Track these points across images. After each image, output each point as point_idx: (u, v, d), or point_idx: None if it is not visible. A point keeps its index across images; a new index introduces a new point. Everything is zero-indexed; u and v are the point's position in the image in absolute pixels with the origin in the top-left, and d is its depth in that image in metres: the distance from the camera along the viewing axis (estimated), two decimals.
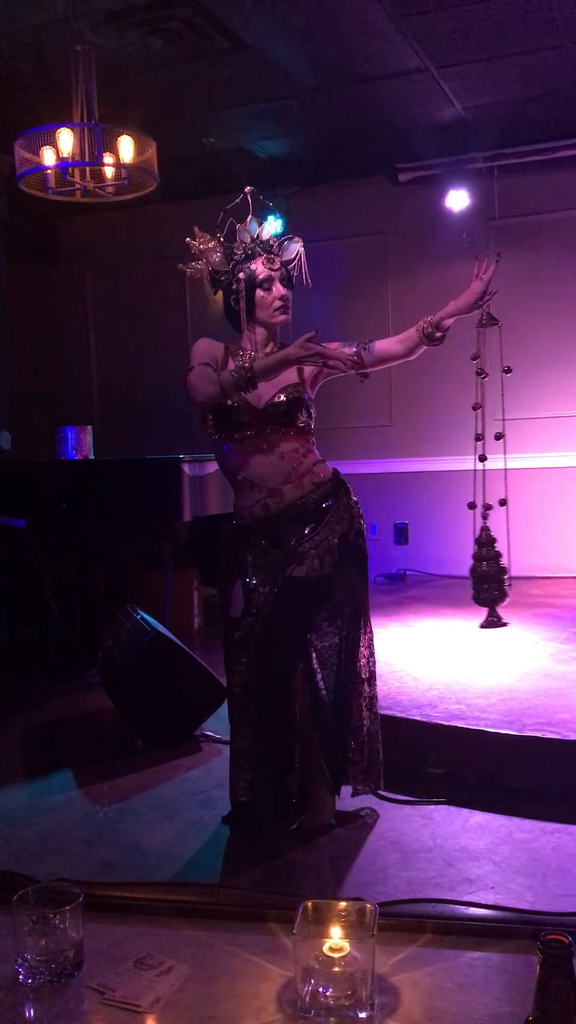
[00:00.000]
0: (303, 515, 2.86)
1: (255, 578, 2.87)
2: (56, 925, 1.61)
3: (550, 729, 3.16)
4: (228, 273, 2.92)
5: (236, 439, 2.86)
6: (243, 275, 2.89)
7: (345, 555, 2.88)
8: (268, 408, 2.83)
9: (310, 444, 2.93)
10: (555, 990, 1.36)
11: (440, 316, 2.89)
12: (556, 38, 4.93)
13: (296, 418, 2.86)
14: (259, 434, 2.85)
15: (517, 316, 6.85)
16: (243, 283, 2.88)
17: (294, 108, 5.78)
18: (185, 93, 5.51)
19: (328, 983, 1.49)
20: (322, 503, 2.88)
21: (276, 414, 2.84)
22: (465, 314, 2.94)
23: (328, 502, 2.88)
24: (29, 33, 4.66)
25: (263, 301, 2.90)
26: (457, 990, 1.54)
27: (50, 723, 4.21)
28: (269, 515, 2.86)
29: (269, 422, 2.84)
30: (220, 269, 2.93)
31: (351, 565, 2.91)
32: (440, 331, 2.89)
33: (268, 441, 2.85)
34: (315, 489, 2.88)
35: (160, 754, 3.66)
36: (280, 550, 2.86)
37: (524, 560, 6.87)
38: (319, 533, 2.85)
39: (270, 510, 2.86)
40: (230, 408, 2.83)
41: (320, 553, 2.83)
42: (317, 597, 2.86)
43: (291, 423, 2.85)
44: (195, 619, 5.96)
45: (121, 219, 7.23)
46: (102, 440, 6.19)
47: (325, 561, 2.83)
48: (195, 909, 1.90)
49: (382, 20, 4.67)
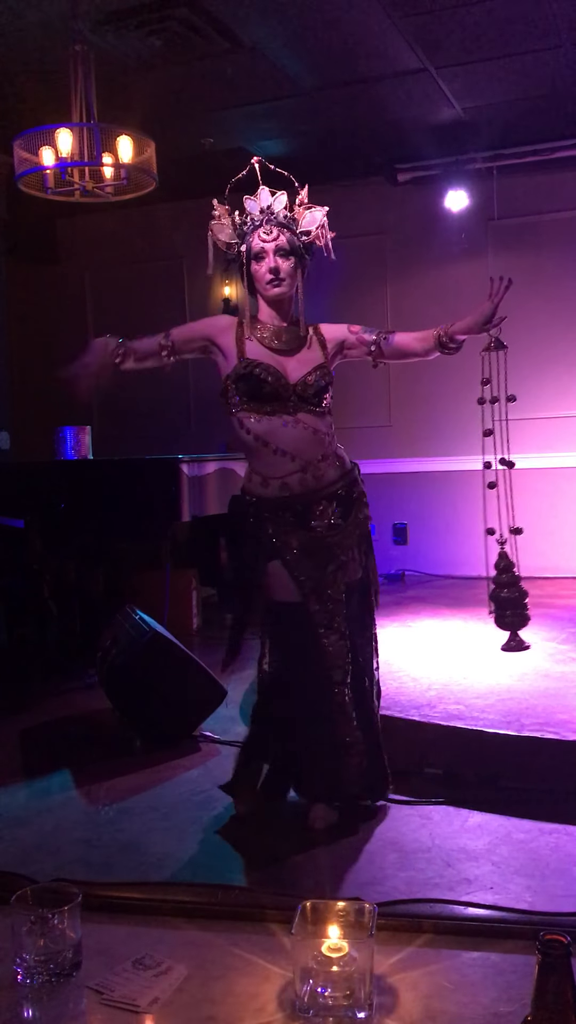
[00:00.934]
0: (336, 497, 2.85)
1: (294, 559, 2.79)
2: (55, 925, 1.61)
3: (549, 729, 3.16)
4: (237, 246, 2.90)
5: (267, 412, 2.81)
6: (244, 248, 2.87)
7: (368, 552, 2.94)
8: (298, 386, 2.82)
9: (332, 428, 2.93)
10: (554, 990, 1.36)
11: (454, 330, 2.88)
12: (555, 39, 4.93)
13: (323, 399, 2.85)
14: (291, 410, 2.82)
15: (516, 317, 6.83)
16: (243, 256, 2.87)
17: (293, 108, 5.78)
18: (184, 93, 5.51)
19: (327, 983, 1.49)
20: (352, 489, 2.89)
21: (307, 394, 2.82)
22: (475, 334, 2.93)
23: (355, 491, 2.91)
24: (28, 33, 4.67)
25: (257, 273, 2.87)
26: (455, 990, 1.55)
27: (49, 723, 4.20)
28: (307, 490, 2.82)
29: (300, 399, 2.82)
30: (229, 242, 2.90)
31: (369, 563, 2.96)
32: (453, 343, 2.88)
33: (301, 418, 2.82)
34: (343, 476, 2.89)
35: (159, 754, 3.65)
36: (305, 530, 2.81)
37: (523, 560, 6.87)
38: (350, 519, 2.86)
39: (308, 485, 2.82)
40: (261, 380, 2.79)
41: (356, 542, 2.87)
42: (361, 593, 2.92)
43: (318, 403, 2.85)
44: (194, 619, 5.96)
45: (120, 219, 7.23)
46: (101, 440, 6.19)
47: (362, 551, 2.88)
48: (194, 909, 1.90)
49: (381, 20, 4.67)
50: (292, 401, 2.81)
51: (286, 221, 2.87)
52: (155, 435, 6.86)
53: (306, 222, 2.90)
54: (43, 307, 7.88)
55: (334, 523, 2.84)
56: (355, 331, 2.91)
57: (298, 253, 2.88)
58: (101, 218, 7.32)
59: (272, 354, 2.85)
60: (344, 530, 2.85)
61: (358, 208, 6.91)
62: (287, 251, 2.85)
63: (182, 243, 7.30)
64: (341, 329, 2.94)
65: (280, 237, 2.84)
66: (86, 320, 7.91)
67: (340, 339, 2.92)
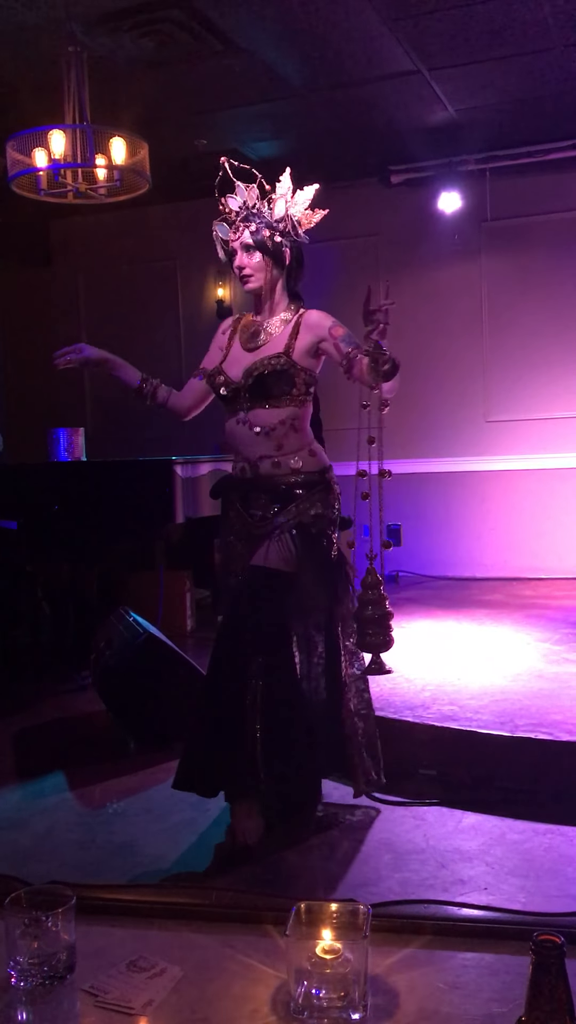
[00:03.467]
0: (274, 492, 2.84)
1: (235, 538, 2.93)
2: (48, 928, 1.61)
3: (542, 730, 3.17)
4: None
5: (230, 411, 2.88)
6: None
7: (306, 551, 2.82)
8: (243, 382, 2.81)
9: (300, 420, 2.85)
10: (548, 991, 1.36)
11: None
12: (547, 41, 4.94)
13: (271, 390, 2.80)
14: (245, 407, 2.83)
15: (508, 317, 6.87)
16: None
17: (286, 110, 5.79)
18: (177, 95, 5.50)
19: (321, 984, 1.49)
20: (294, 489, 2.84)
21: (255, 389, 2.80)
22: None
23: (299, 491, 2.84)
24: (21, 35, 4.66)
25: (236, 271, 2.91)
26: (450, 991, 1.54)
27: (42, 725, 4.20)
28: (245, 478, 2.89)
29: (251, 396, 2.81)
30: (224, 238, 2.90)
31: (311, 563, 2.85)
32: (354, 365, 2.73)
33: (251, 416, 2.82)
34: (292, 474, 2.84)
35: (153, 756, 3.65)
36: (251, 519, 2.88)
37: (517, 561, 6.91)
38: (282, 516, 2.82)
39: (247, 474, 2.89)
40: (216, 386, 2.88)
41: (279, 537, 2.80)
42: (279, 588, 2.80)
43: (274, 396, 2.80)
44: (187, 620, 5.95)
45: (113, 221, 7.23)
46: (94, 442, 6.19)
47: (284, 547, 2.79)
48: (188, 911, 1.89)
49: (374, 22, 4.68)
50: (244, 399, 2.83)
51: (255, 213, 2.84)
52: (149, 436, 6.85)
53: (278, 211, 2.84)
54: (36, 308, 7.86)
55: (264, 516, 2.85)
56: (336, 335, 2.79)
57: (263, 247, 2.83)
58: (94, 220, 7.32)
59: (246, 354, 2.87)
60: (272, 522, 2.83)
61: (351, 210, 6.92)
62: (250, 246, 2.84)
63: (175, 244, 7.31)
64: (323, 326, 2.83)
65: (244, 232, 2.83)
66: (79, 321, 7.90)
67: (318, 335, 2.83)
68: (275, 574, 2.79)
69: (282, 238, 2.85)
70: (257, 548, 2.82)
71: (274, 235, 2.84)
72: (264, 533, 2.83)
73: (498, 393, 6.88)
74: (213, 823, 2.98)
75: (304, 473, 2.86)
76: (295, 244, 2.89)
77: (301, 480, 2.85)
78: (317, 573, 2.89)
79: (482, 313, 6.81)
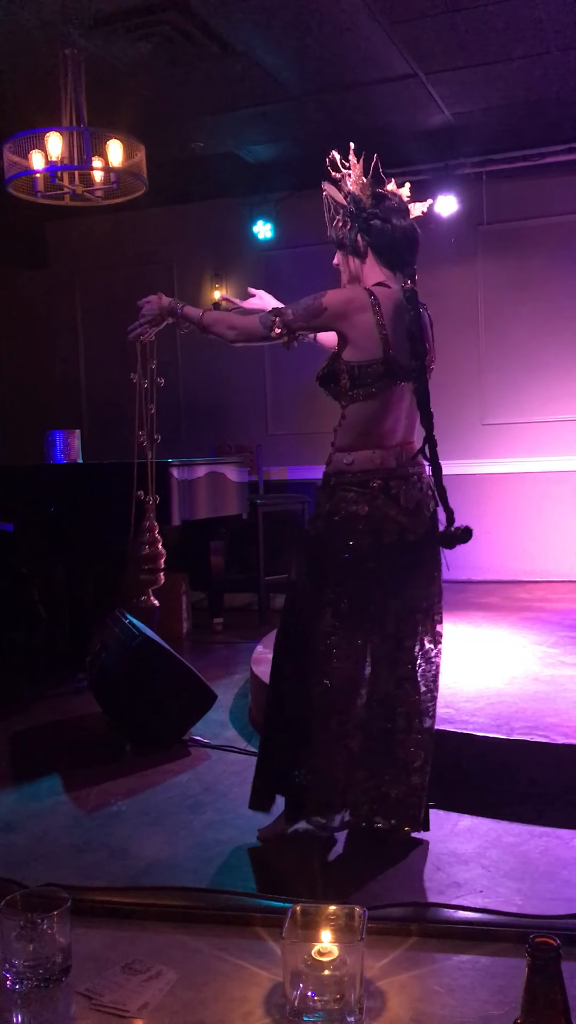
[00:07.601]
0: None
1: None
2: (44, 930, 1.61)
3: (538, 733, 3.17)
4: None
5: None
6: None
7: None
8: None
9: (340, 419, 2.80)
10: (544, 993, 1.36)
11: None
12: (544, 45, 4.96)
13: (336, 389, 2.77)
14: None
15: (505, 321, 6.88)
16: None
17: (282, 113, 5.79)
18: (174, 97, 5.51)
19: (317, 987, 1.49)
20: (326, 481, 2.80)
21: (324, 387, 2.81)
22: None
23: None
24: (18, 37, 4.66)
25: None
26: (446, 993, 1.55)
27: (38, 728, 4.19)
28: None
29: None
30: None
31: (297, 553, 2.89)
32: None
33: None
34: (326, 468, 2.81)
35: (149, 759, 3.65)
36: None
37: (513, 564, 6.91)
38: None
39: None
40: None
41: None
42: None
43: (332, 395, 2.80)
44: (184, 623, 5.95)
45: (110, 223, 7.23)
46: (91, 444, 6.18)
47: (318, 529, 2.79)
48: (183, 914, 1.89)
49: (371, 26, 4.69)
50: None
51: (330, 207, 2.83)
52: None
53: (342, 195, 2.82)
54: (32, 310, 7.86)
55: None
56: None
57: (337, 242, 2.83)
58: (91, 222, 7.31)
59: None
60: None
61: None
62: (334, 243, 2.85)
63: (172, 247, 7.31)
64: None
65: (330, 232, 2.84)
66: (75, 323, 7.90)
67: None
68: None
69: (350, 221, 2.79)
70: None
71: (345, 224, 2.79)
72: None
73: (494, 396, 6.89)
74: (208, 826, 2.97)
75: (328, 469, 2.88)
76: (365, 222, 2.78)
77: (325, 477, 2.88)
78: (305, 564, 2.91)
79: (478, 316, 6.82)
